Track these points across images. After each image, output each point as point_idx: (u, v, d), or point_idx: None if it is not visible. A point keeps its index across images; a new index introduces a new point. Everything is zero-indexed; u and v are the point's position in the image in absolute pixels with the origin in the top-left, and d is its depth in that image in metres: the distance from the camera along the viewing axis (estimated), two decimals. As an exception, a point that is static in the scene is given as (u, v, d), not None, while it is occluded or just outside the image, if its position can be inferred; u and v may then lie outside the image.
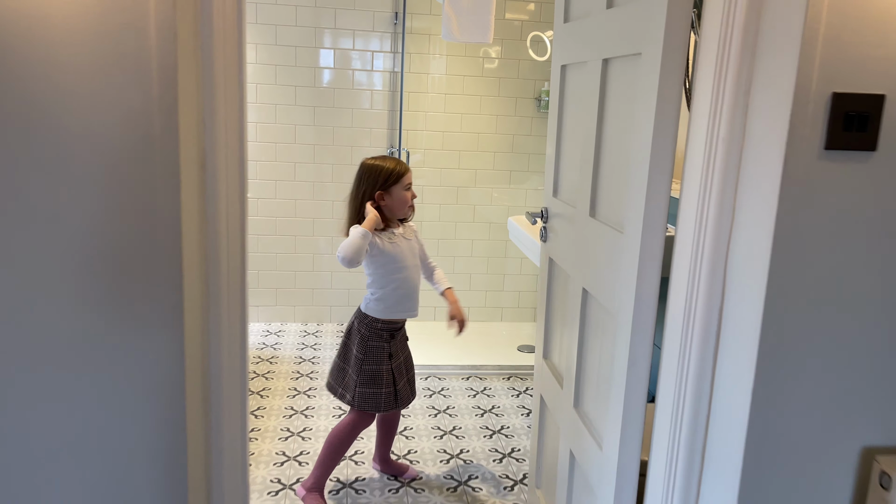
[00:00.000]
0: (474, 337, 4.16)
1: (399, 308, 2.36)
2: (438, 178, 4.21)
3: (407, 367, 2.46)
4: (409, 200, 2.34)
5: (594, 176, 1.78)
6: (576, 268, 1.89)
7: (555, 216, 2.12)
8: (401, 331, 2.43)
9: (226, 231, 1.35)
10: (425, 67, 4.10)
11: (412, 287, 2.37)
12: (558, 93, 2.10)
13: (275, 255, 4.17)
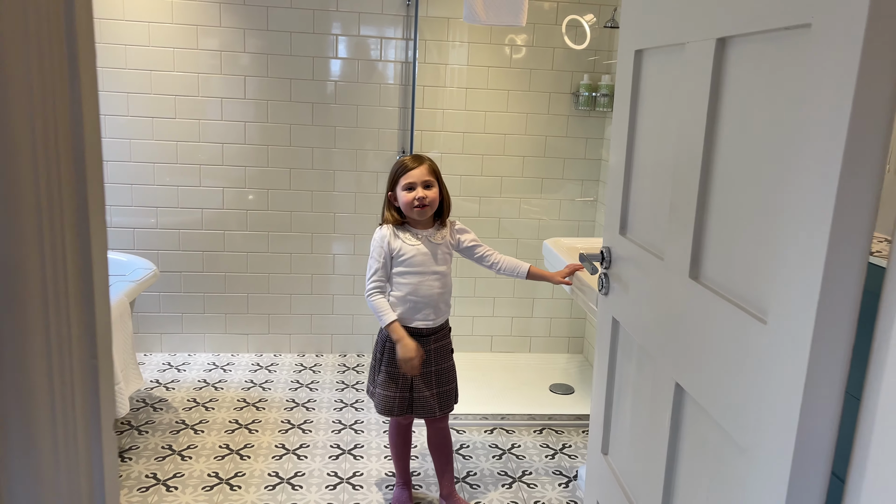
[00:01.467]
0: (498, 373, 3.55)
1: (411, 315, 2.19)
2: (457, 187, 3.61)
3: (439, 379, 2.24)
4: (411, 201, 2.14)
5: (699, 213, 1.16)
6: (663, 350, 1.28)
7: (623, 261, 1.50)
8: (429, 337, 2.21)
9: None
10: (443, 57, 3.49)
11: (428, 295, 2.19)
12: (630, 88, 1.49)
13: (267, 275, 3.59)
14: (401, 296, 2.19)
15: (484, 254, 2.31)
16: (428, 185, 2.17)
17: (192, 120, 3.38)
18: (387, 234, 2.19)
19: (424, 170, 2.17)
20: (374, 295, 2.19)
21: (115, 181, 3.40)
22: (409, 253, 2.17)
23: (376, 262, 2.19)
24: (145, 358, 3.54)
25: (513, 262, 2.32)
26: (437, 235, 2.22)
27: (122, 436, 2.76)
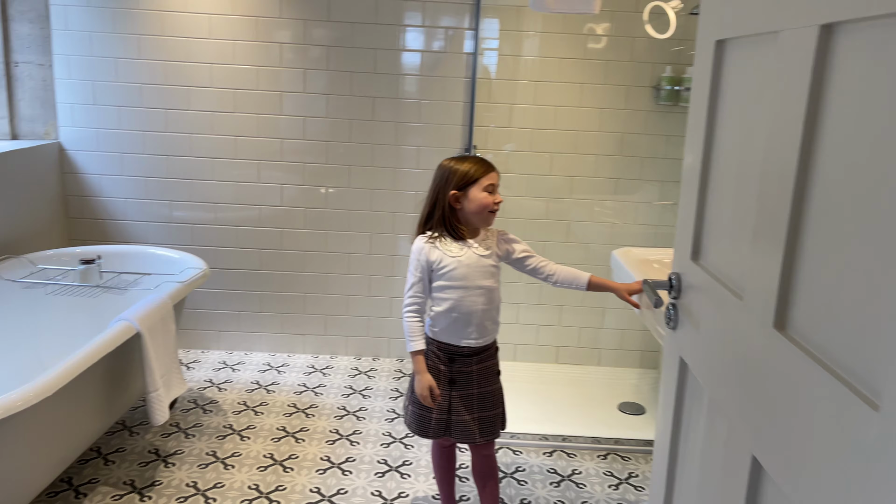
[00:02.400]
0: (563, 387, 3.32)
1: (452, 332, 2.00)
2: (524, 187, 3.38)
3: (482, 403, 2.03)
4: (490, 204, 1.97)
5: (790, 242, 0.92)
6: (739, 412, 1.04)
7: (694, 292, 1.26)
8: (472, 357, 2.02)
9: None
10: (513, 48, 3.26)
11: (471, 311, 1.98)
12: (709, 83, 1.24)
13: (325, 275, 3.47)
14: (441, 311, 2.00)
15: (537, 265, 2.08)
16: (496, 185, 2.00)
17: (250, 114, 3.29)
18: (425, 246, 2.00)
19: (497, 174, 2.02)
20: (408, 313, 2.01)
21: (175, 176, 3.35)
22: (450, 265, 1.98)
23: (413, 275, 2.01)
24: (202, 355, 3.50)
25: (570, 273, 2.08)
26: (483, 245, 2.02)
27: (169, 439, 2.69)
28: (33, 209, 3.12)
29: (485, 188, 1.96)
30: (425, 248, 2.00)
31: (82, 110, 3.28)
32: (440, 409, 2.03)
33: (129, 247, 3.06)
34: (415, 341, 2.00)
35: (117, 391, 2.39)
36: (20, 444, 1.87)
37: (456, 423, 2.03)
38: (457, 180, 1.98)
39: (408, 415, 2.10)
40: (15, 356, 2.61)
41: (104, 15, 3.18)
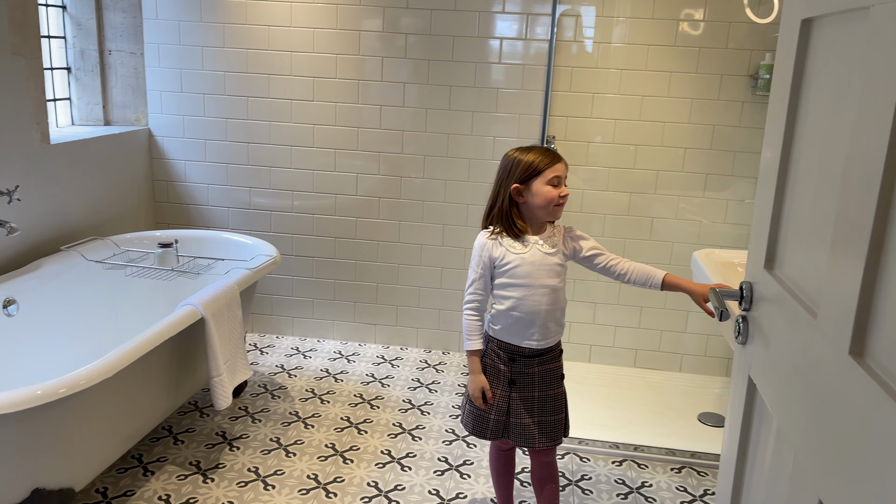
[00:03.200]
0: (639, 392, 3.15)
1: (514, 333, 1.91)
2: (605, 180, 3.22)
3: (543, 407, 1.93)
4: (555, 198, 1.86)
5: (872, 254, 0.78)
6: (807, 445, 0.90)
7: (767, 305, 1.12)
8: (534, 359, 1.92)
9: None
10: (598, 34, 3.10)
11: (534, 311, 1.88)
12: (792, 68, 1.09)
13: (396, 266, 3.44)
14: (503, 310, 1.90)
15: (607, 263, 1.95)
16: (563, 178, 1.89)
17: (328, 103, 3.29)
18: (487, 242, 1.91)
19: (565, 165, 1.90)
20: (467, 311, 1.93)
21: (255, 163, 3.40)
22: (512, 262, 1.88)
23: (474, 272, 1.92)
24: (276, 341, 3.55)
25: (644, 270, 1.94)
26: (549, 243, 1.90)
27: (236, 422, 2.74)
28: (122, 193, 3.24)
29: (549, 181, 1.85)
30: (488, 244, 1.91)
31: (170, 97, 3.37)
32: (498, 409, 1.94)
33: (206, 232, 3.13)
34: (472, 340, 1.93)
35: (185, 373, 2.44)
36: (88, 419, 1.92)
37: (515, 425, 1.94)
38: (519, 172, 1.87)
39: (465, 413, 2.03)
40: (96, 334, 2.72)
41: (192, 4, 3.25)
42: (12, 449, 1.73)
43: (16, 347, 2.36)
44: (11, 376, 2.31)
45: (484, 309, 1.93)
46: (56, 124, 3.25)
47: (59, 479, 1.86)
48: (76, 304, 2.65)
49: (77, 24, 3.28)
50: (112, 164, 3.15)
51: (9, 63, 2.49)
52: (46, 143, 2.71)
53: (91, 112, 3.38)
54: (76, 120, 3.38)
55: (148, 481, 2.34)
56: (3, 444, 1.71)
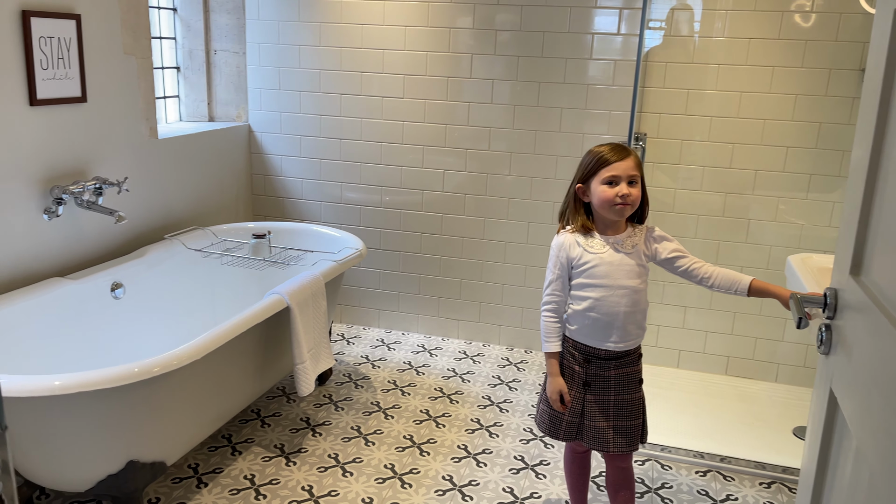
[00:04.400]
0: (730, 402, 3.02)
1: (591, 334, 1.87)
2: (699, 179, 3.10)
3: (619, 411, 1.89)
4: (612, 198, 1.80)
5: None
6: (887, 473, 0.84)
7: (852, 314, 1.05)
8: (611, 361, 1.88)
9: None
10: (693, 28, 2.98)
11: (612, 313, 1.84)
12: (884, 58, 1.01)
13: (481, 262, 3.45)
14: (580, 310, 1.87)
15: (690, 267, 1.87)
16: (632, 182, 1.82)
17: (418, 100, 3.33)
18: (564, 242, 1.88)
19: (631, 163, 1.82)
20: (545, 312, 1.91)
21: (347, 159, 3.49)
22: (590, 262, 1.84)
23: (551, 272, 1.90)
24: (363, 332, 3.63)
25: (729, 276, 1.85)
26: (628, 243, 1.85)
27: (320, 409, 2.83)
28: (223, 185, 3.41)
29: (604, 180, 1.80)
30: (565, 244, 1.88)
31: (269, 95, 3.52)
32: (572, 411, 1.92)
33: (297, 224, 3.24)
34: (550, 342, 1.91)
35: (272, 359, 2.54)
36: (179, 397, 2.04)
37: (589, 427, 1.91)
38: (581, 171, 1.86)
39: (539, 413, 2.02)
40: (194, 317, 2.88)
41: (291, 4, 3.37)
42: (111, 422, 1.86)
43: (121, 327, 2.54)
44: (115, 354, 2.48)
45: (562, 310, 1.91)
46: (165, 120, 3.46)
47: (152, 453, 1.98)
48: (176, 290, 2.81)
49: (186, 26, 3.47)
50: (214, 158, 3.32)
51: (122, 62, 2.67)
52: (154, 137, 2.89)
53: (197, 108, 3.57)
54: (183, 116, 3.58)
55: (235, 460, 2.46)
56: (103, 416, 1.84)
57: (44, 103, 2.32)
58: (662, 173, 3.13)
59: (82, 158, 2.52)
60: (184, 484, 2.31)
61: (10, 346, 2.12)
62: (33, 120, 2.30)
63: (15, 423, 1.84)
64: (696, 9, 2.97)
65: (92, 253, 2.60)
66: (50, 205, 2.38)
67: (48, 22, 2.30)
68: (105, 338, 2.47)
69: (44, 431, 1.83)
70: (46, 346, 2.24)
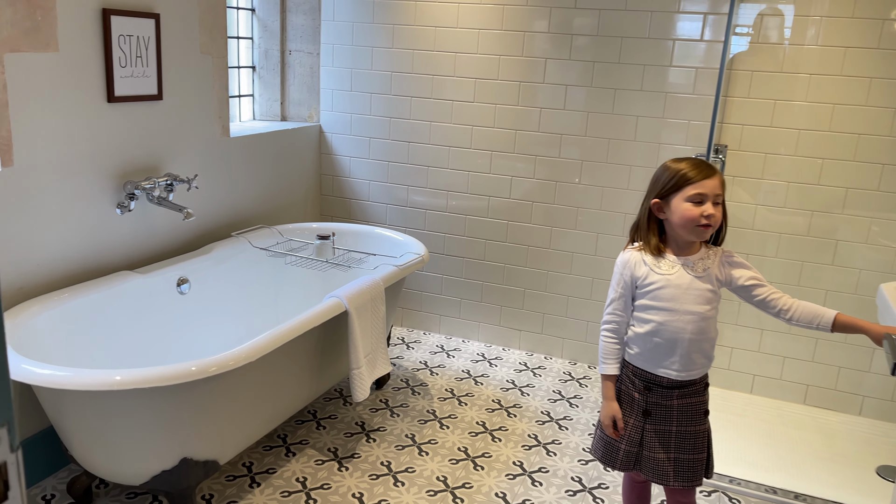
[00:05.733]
0: (807, 434, 2.83)
1: (651, 359, 1.77)
2: (783, 196, 2.92)
3: (680, 443, 1.78)
4: (697, 218, 1.68)
5: None
6: None
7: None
8: (673, 390, 1.77)
9: None
10: (782, 35, 2.81)
11: (675, 339, 1.73)
12: None
13: (546, 272, 3.35)
14: (642, 333, 1.76)
15: (768, 297, 1.74)
16: (717, 202, 1.69)
17: (488, 104, 3.27)
18: (630, 259, 1.78)
19: (717, 181, 1.70)
20: (604, 332, 1.82)
21: (415, 162, 3.46)
22: (656, 283, 1.73)
23: (614, 291, 1.80)
24: (423, 337, 3.60)
25: (811, 309, 1.70)
26: (700, 265, 1.73)
27: (376, 414, 2.80)
28: (292, 185, 3.43)
29: (689, 198, 1.68)
30: (630, 262, 1.78)
31: (340, 96, 3.52)
32: (630, 440, 1.81)
33: (361, 226, 3.23)
34: (607, 364, 1.81)
35: (329, 361, 2.53)
36: (235, 397, 2.04)
37: (647, 458, 1.80)
38: (660, 185, 1.73)
39: (595, 439, 1.92)
40: (257, 315, 2.90)
41: (366, 5, 3.37)
42: (166, 419, 1.87)
43: (185, 322, 2.57)
44: (178, 348, 2.52)
45: (623, 332, 1.81)
46: (239, 119, 3.51)
47: (205, 452, 1.99)
48: (241, 287, 2.84)
49: (263, 26, 3.52)
50: (284, 158, 3.35)
51: (198, 61, 2.71)
52: (227, 136, 2.92)
53: (270, 108, 3.61)
54: (257, 115, 3.63)
55: (289, 462, 2.45)
56: (159, 413, 1.86)
57: (121, 100, 2.38)
58: (742, 188, 2.97)
59: (155, 155, 2.57)
60: (237, 482, 2.32)
61: (78, 336, 2.17)
62: (110, 116, 2.36)
63: (75, 415, 1.87)
64: (787, 14, 2.80)
65: (161, 248, 2.65)
66: (123, 199, 2.43)
67: (128, 21, 2.35)
68: (169, 331, 2.51)
69: (102, 424, 1.86)
70: (113, 337, 2.29)
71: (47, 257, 2.20)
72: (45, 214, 2.18)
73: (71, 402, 1.84)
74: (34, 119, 2.10)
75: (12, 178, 2.06)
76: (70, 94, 2.20)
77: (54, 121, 2.16)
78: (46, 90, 2.13)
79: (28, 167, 2.10)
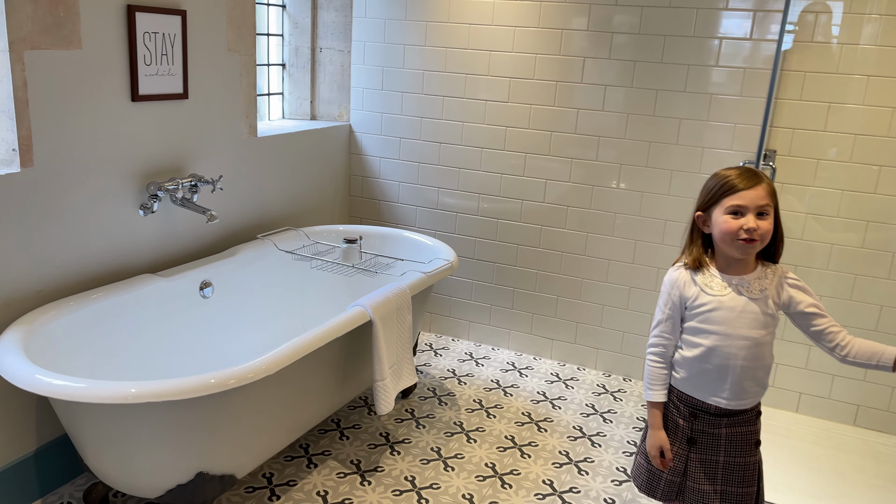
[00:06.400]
0: (857, 459, 2.67)
1: (699, 386, 1.64)
2: (836, 206, 2.75)
3: (728, 474, 1.65)
4: (735, 232, 1.55)
5: None
6: None
7: None
8: (722, 418, 1.64)
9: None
10: (844, 34, 2.64)
11: (726, 365, 1.60)
12: None
13: (580, 280, 3.23)
14: (689, 358, 1.64)
15: (827, 329, 1.60)
16: (762, 213, 1.56)
17: (523, 105, 3.15)
18: (678, 278, 1.65)
19: (762, 191, 1.56)
20: (651, 356, 1.70)
21: (446, 163, 3.36)
22: (707, 305, 1.60)
23: (661, 311, 1.68)
24: (452, 343, 3.50)
25: (869, 346, 1.57)
26: (756, 286, 1.60)
27: (401, 425, 2.71)
28: (321, 186, 3.36)
29: (727, 210, 1.56)
30: (679, 281, 1.65)
31: (371, 95, 3.44)
32: (673, 469, 1.70)
33: (389, 229, 3.14)
34: (654, 390, 1.69)
35: (354, 370, 2.44)
36: (253, 409, 1.96)
37: (692, 490, 1.68)
38: (703, 196, 1.62)
39: (635, 466, 1.80)
40: (282, 320, 2.83)
41: (398, 2, 3.27)
42: (181, 432, 1.80)
43: (208, 326, 2.51)
44: (201, 352, 2.45)
45: (670, 354, 1.68)
46: (268, 117, 3.45)
47: (222, 466, 1.92)
48: (265, 291, 2.77)
49: (294, 23, 3.45)
50: (313, 158, 3.27)
51: (225, 59, 2.65)
52: (254, 135, 2.86)
53: (300, 107, 3.54)
54: (286, 114, 3.56)
55: (310, 474, 2.38)
56: (174, 426, 1.79)
57: (145, 99, 2.32)
58: (791, 196, 2.80)
59: (180, 155, 2.51)
60: (256, 495, 2.25)
61: (96, 342, 2.12)
62: (134, 115, 2.30)
63: (88, 425, 1.81)
64: (846, 13, 2.62)
65: (185, 250, 2.59)
66: (146, 201, 2.37)
67: (153, 17, 2.29)
68: (191, 337, 2.45)
69: (116, 435, 1.79)
70: (132, 342, 2.24)
71: (67, 260, 2.15)
72: (66, 216, 2.12)
73: (85, 412, 1.78)
74: (55, 119, 2.05)
75: (32, 178, 2.01)
76: (93, 92, 2.15)
77: (76, 120, 2.11)
78: (68, 89, 2.07)
79: (48, 168, 2.05)
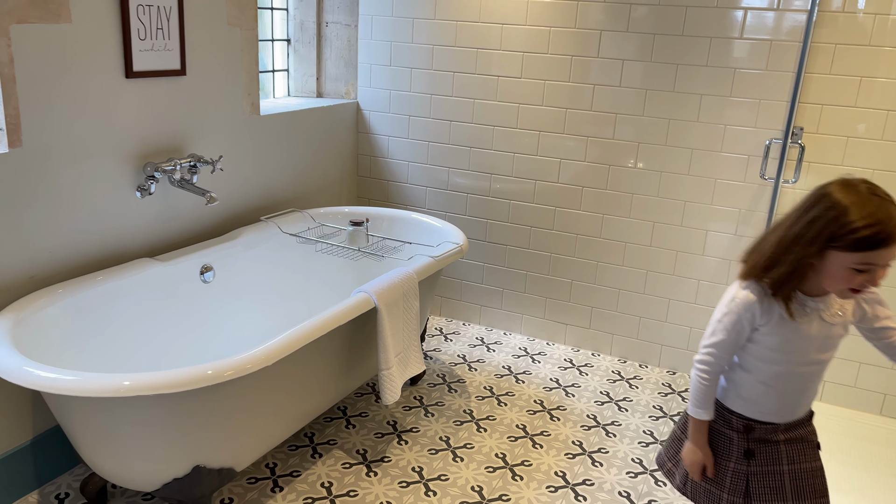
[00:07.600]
0: (886, 450, 2.56)
1: (752, 405, 1.52)
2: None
3: (797, 486, 1.52)
4: (854, 284, 1.34)
5: None
6: None
7: None
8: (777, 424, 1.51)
9: None
10: (876, 3, 2.49)
11: (790, 390, 1.49)
12: None
13: (595, 263, 3.11)
14: (749, 379, 1.51)
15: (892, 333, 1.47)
16: (888, 263, 1.34)
17: (537, 80, 3.02)
18: (755, 305, 1.44)
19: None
20: (700, 373, 1.52)
21: (456, 142, 3.24)
22: (783, 334, 1.44)
23: (724, 332, 1.48)
24: (463, 328, 3.41)
25: None
26: (836, 307, 1.45)
27: (409, 413, 2.63)
28: (327, 165, 3.26)
29: (855, 264, 1.32)
30: (756, 307, 1.44)
31: (379, 71, 3.32)
32: (733, 488, 1.56)
33: (397, 211, 3.03)
34: (700, 409, 1.55)
35: (359, 358, 2.36)
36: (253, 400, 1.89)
37: None
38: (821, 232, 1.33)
39: (692, 484, 1.63)
40: (287, 304, 2.75)
41: (406, -26, 3.14)
42: (177, 425, 1.73)
43: (210, 311, 2.43)
44: (201, 339, 2.38)
45: (720, 374, 1.54)
46: (273, 95, 3.34)
47: (220, 459, 1.85)
48: (269, 276, 2.68)
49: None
50: (319, 137, 3.17)
51: (225, 34, 2.54)
52: (256, 114, 2.75)
53: (305, 84, 3.43)
54: (292, 91, 3.45)
55: (314, 464, 2.30)
56: (170, 418, 1.71)
57: (140, 76, 2.22)
58: (819, 175, 2.67)
59: (178, 135, 2.41)
60: (258, 485, 2.18)
61: (92, 329, 2.04)
62: (129, 93, 2.21)
63: (81, 418, 1.74)
64: (879, -21, 2.47)
65: (185, 233, 2.51)
66: (142, 182, 2.29)
67: (147, -10, 2.18)
68: (191, 323, 2.37)
69: (109, 428, 1.72)
70: (129, 330, 2.16)
71: (61, 244, 2.07)
72: (58, 199, 2.04)
73: (77, 405, 1.71)
74: (44, 96, 1.96)
75: (21, 159, 1.92)
76: (84, 69, 2.05)
77: (67, 98, 2.02)
78: (58, 65, 1.98)
79: (38, 148, 1.96)
